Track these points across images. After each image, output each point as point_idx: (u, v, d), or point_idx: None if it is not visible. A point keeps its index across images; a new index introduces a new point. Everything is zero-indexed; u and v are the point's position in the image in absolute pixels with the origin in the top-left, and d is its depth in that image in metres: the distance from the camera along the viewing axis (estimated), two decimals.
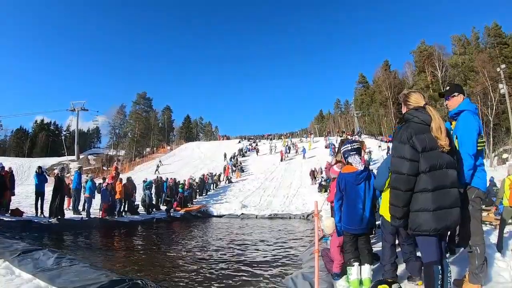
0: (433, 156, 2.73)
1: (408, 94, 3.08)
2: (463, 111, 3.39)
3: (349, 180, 3.99)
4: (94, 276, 4.43)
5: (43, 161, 63.25)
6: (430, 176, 2.71)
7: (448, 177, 2.74)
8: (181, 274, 6.10)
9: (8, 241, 6.61)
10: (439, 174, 2.72)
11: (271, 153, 43.60)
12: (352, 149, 4.11)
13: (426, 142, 2.74)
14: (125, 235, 11.52)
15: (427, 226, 2.70)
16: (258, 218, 18.12)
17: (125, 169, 43.18)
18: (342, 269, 4.33)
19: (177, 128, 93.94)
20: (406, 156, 2.75)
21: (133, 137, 79.41)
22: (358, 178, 3.95)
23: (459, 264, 3.94)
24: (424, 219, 2.71)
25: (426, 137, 2.75)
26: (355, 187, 3.96)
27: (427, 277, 2.86)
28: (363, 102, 72.39)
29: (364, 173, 3.95)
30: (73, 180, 14.12)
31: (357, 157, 4.05)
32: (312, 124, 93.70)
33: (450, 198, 2.73)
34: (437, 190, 2.70)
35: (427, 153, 2.73)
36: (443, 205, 2.70)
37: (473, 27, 58.38)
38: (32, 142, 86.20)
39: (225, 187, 29.53)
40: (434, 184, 2.69)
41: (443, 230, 2.78)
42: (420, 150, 2.73)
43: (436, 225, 2.69)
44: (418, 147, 2.73)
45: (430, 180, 2.70)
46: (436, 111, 2.93)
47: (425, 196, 2.72)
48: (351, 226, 3.97)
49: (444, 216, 2.70)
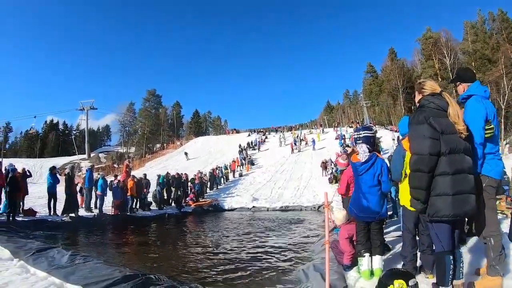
0: (452, 140, 2.69)
1: (423, 82, 3.06)
2: (470, 96, 3.26)
3: (354, 169, 4.01)
4: (108, 272, 4.49)
5: (54, 161, 63.81)
6: (449, 159, 2.67)
7: (466, 162, 2.71)
8: (194, 268, 6.17)
9: (22, 241, 6.75)
10: (458, 158, 2.68)
11: (281, 145, 43.59)
12: (359, 137, 4.08)
13: (444, 126, 2.71)
14: (138, 231, 11.62)
15: (446, 211, 2.67)
16: (269, 210, 18.15)
17: (135, 166, 43.44)
18: (352, 261, 4.34)
19: (186, 124, 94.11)
20: (426, 135, 2.71)
21: (143, 134, 79.81)
22: (358, 170, 3.98)
23: (477, 255, 3.83)
24: (443, 204, 2.68)
25: (443, 121, 2.72)
26: (358, 177, 4.02)
27: (439, 267, 2.83)
28: (372, 92, 71.60)
29: (364, 165, 3.95)
30: (85, 178, 14.27)
31: (363, 146, 4.01)
32: (321, 115, 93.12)
33: (468, 183, 2.69)
34: (456, 174, 2.66)
35: (446, 135, 2.69)
36: (463, 189, 2.67)
37: (479, 10, 57.38)
38: (43, 142, 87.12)
39: (236, 180, 29.57)
40: (453, 168, 2.66)
41: (461, 216, 2.76)
42: (439, 131, 2.70)
43: (455, 211, 2.66)
44: (437, 127, 2.70)
45: (450, 163, 2.66)
46: (452, 97, 2.89)
47: (444, 180, 2.68)
48: (359, 213, 3.99)
49: (463, 201, 2.67)
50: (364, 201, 3.94)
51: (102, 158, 74.79)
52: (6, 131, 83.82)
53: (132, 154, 70.29)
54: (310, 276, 4.42)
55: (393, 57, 68.30)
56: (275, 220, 13.64)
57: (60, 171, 34.88)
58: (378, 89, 70.43)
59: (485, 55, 50.36)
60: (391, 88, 64.77)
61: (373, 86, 72.09)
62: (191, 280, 5.10)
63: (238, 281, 5.13)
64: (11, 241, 6.69)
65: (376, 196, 3.96)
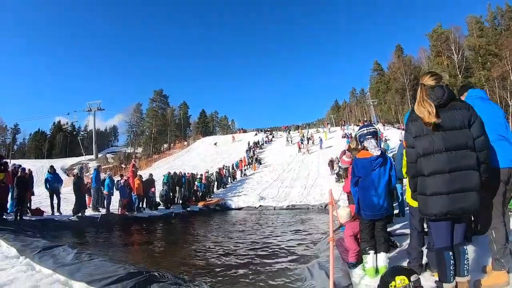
0: (449, 136, 2.64)
1: (422, 75, 2.97)
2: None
3: (363, 165, 3.93)
4: (112, 269, 4.49)
5: (62, 161, 64.53)
6: (445, 157, 2.62)
7: (466, 158, 2.62)
8: (198, 266, 6.16)
9: (29, 239, 6.80)
10: (455, 155, 2.62)
11: (288, 144, 43.56)
12: (368, 132, 4.03)
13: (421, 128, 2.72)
14: (144, 230, 11.66)
15: (436, 210, 2.65)
16: (276, 209, 18.04)
17: (142, 166, 43.64)
18: (357, 258, 4.30)
19: (193, 123, 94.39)
20: (407, 143, 2.84)
21: (150, 134, 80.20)
22: (373, 164, 3.89)
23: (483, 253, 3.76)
24: (433, 202, 2.66)
25: (442, 116, 2.65)
26: (370, 173, 3.90)
27: (438, 263, 2.80)
28: (379, 90, 71.35)
29: (379, 159, 3.88)
30: (92, 178, 14.36)
31: (373, 141, 3.96)
32: (328, 114, 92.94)
33: (467, 180, 2.62)
34: (453, 171, 2.61)
35: (443, 132, 2.65)
36: (459, 188, 2.61)
37: (489, 5, 56.90)
38: (51, 143, 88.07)
39: (242, 180, 29.58)
40: (450, 166, 2.61)
41: (457, 214, 2.68)
42: (414, 135, 2.77)
43: (448, 209, 2.62)
44: (412, 133, 2.78)
45: (446, 161, 2.61)
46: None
47: (436, 179, 2.65)
48: (365, 211, 3.93)
49: (460, 199, 2.61)
50: (375, 198, 3.88)
51: (110, 158, 75.24)
52: (14, 132, 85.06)
53: (139, 154, 70.63)
54: (314, 274, 4.39)
55: (399, 54, 67.90)
56: (281, 219, 13.61)
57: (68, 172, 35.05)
58: (385, 87, 70.16)
59: (489, 51, 49.86)
60: (398, 86, 64.40)
61: (380, 84, 71.77)
62: (195, 277, 5.10)
63: (243, 279, 5.11)
64: (18, 239, 6.74)
65: (386, 192, 3.93)
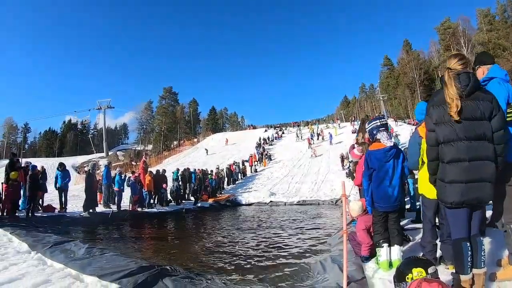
0: (469, 125, 2.57)
1: (448, 58, 2.92)
2: (490, 79, 3.13)
3: (377, 157, 3.88)
4: (124, 263, 4.53)
5: (73, 159, 65.28)
6: (465, 146, 2.56)
7: (484, 148, 2.57)
8: (210, 260, 6.14)
9: (40, 235, 6.87)
10: (474, 145, 2.56)
11: (298, 140, 43.53)
12: (381, 124, 4.00)
13: (443, 114, 2.64)
14: (155, 225, 11.70)
15: (456, 198, 2.60)
16: (287, 205, 18.00)
17: (153, 163, 43.87)
18: (370, 252, 4.27)
19: (203, 120, 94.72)
20: (427, 127, 2.76)
21: (160, 131, 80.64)
22: (387, 155, 3.86)
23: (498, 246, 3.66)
24: (452, 191, 2.60)
25: (464, 105, 2.59)
26: (384, 165, 3.87)
27: (456, 254, 2.73)
28: (389, 85, 70.80)
29: (393, 150, 3.85)
30: (102, 175, 14.45)
31: (385, 133, 3.95)
32: (338, 109, 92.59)
33: (484, 170, 2.57)
34: (472, 161, 2.55)
35: (465, 122, 2.58)
36: (476, 177, 2.56)
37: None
38: (62, 142, 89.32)
39: (253, 175, 29.57)
40: (469, 155, 2.55)
41: (474, 203, 2.64)
42: (434, 122, 2.69)
43: (466, 197, 2.57)
44: (433, 119, 2.69)
45: (465, 150, 2.56)
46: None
47: (455, 167, 2.60)
48: (380, 204, 3.88)
49: (476, 189, 2.56)
50: (389, 189, 3.86)
51: (120, 156, 75.92)
52: (24, 131, 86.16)
53: (149, 152, 71.05)
54: (327, 268, 4.35)
55: (408, 49, 67.26)
56: (292, 214, 13.56)
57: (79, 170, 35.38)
58: (395, 82, 69.56)
59: (499, 45, 49.18)
60: (408, 81, 63.86)
61: (390, 79, 71.18)
62: (207, 271, 5.09)
63: (254, 273, 5.09)
64: (29, 235, 6.81)
65: (399, 183, 3.91)
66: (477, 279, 2.67)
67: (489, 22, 54.59)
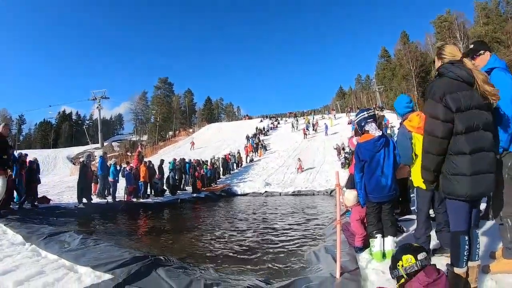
0: (470, 116, 2.50)
1: (441, 46, 2.83)
2: (493, 69, 3.04)
3: (367, 148, 3.89)
4: (118, 254, 4.53)
5: (68, 150, 64.97)
6: (467, 138, 2.50)
7: (486, 139, 2.53)
8: (204, 251, 6.17)
9: (35, 226, 6.84)
10: (476, 136, 2.51)
11: (293, 131, 43.56)
12: (369, 116, 4.01)
13: (461, 102, 2.51)
14: (150, 216, 11.67)
15: (462, 191, 2.54)
16: (282, 195, 18.11)
17: (148, 154, 43.73)
18: (364, 243, 4.28)
19: (199, 111, 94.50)
20: (439, 117, 2.55)
21: (155, 122, 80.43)
22: (377, 145, 3.86)
23: (492, 238, 3.69)
24: (459, 184, 2.54)
25: (461, 96, 2.52)
26: (375, 155, 3.88)
27: (453, 246, 2.71)
28: (385, 76, 70.73)
29: (382, 139, 3.86)
30: (97, 166, 14.40)
31: (373, 124, 3.95)
32: (334, 100, 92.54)
33: (487, 162, 2.53)
34: (475, 153, 2.50)
35: (462, 113, 2.50)
36: (481, 169, 2.51)
37: None
38: (57, 133, 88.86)
39: (248, 166, 29.65)
40: (471, 147, 2.49)
41: (478, 197, 2.63)
42: (454, 110, 2.51)
43: (472, 191, 2.52)
44: (452, 107, 2.51)
45: (467, 142, 2.50)
46: (474, 64, 2.69)
47: (461, 160, 2.53)
48: (373, 194, 3.88)
49: (481, 182, 2.52)
50: (382, 179, 3.86)
51: (115, 146, 75.80)
52: (19, 123, 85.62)
53: (144, 142, 70.86)
54: (321, 258, 4.38)
55: (405, 41, 67.07)
56: (287, 205, 13.61)
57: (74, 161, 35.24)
58: (391, 74, 69.48)
59: (495, 38, 49.20)
60: (405, 73, 63.83)
61: (386, 71, 71.08)
62: (201, 262, 5.10)
63: (249, 264, 5.11)
64: (23, 226, 6.76)
65: (392, 173, 3.90)
66: (471, 272, 2.66)
67: (486, 16, 54.53)
